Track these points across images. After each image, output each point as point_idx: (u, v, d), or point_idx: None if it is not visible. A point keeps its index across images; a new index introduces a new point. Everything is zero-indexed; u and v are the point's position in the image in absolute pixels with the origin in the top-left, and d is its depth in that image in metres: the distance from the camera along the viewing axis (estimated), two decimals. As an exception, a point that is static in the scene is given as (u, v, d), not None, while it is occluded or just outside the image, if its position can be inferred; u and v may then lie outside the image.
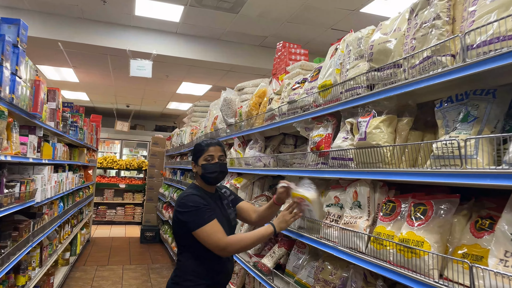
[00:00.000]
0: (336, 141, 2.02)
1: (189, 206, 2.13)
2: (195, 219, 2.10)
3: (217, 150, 2.31)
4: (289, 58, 4.48)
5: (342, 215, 2.08)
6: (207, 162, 2.28)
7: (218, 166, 2.29)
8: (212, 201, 2.30)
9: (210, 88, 10.24)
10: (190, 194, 2.19)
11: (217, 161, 2.29)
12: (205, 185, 2.35)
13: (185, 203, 2.16)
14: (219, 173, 2.30)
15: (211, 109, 5.21)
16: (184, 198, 2.19)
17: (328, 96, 2.12)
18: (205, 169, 2.28)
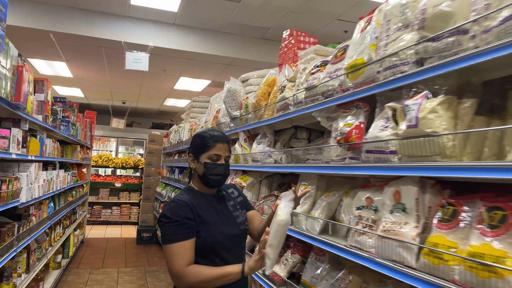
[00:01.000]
0: (372, 131, 1.68)
1: (168, 218, 1.81)
2: (168, 233, 1.80)
3: (225, 148, 1.97)
4: (297, 46, 4.15)
5: (378, 219, 1.74)
6: (211, 161, 1.94)
7: (224, 169, 1.95)
8: (207, 203, 1.96)
9: (209, 83, 9.89)
10: (176, 202, 1.86)
11: (223, 163, 1.95)
12: (203, 187, 2.01)
13: (164, 213, 1.84)
14: (223, 177, 1.96)
15: (212, 103, 4.87)
16: (168, 206, 1.87)
17: (360, 78, 1.78)
18: (207, 170, 1.93)
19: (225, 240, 1.89)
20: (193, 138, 2.05)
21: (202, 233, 1.84)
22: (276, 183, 3.43)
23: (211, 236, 1.85)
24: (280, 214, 1.63)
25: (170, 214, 1.82)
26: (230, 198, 2.11)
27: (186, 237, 1.79)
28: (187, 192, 1.99)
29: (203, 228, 1.86)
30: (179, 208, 1.84)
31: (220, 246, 1.87)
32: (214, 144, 1.94)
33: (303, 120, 2.72)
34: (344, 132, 1.84)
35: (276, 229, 1.60)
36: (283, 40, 4.54)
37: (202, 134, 2.02)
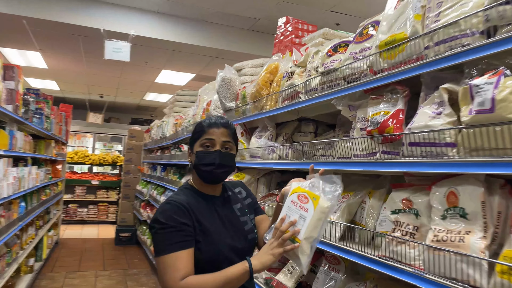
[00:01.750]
0: (419, 119, 1.38)
1: (161, 223, 1.49)
2: (160, 242, 1.48)
3: (222, 133, 1.64)
4: (295, 34, 3.85)
5: (420, 226, 1.45)
6: (203, 149, 1.62)
7: (217, 156, 1.60)
8: (208, 206, 1.64)
9: (193, 77, 9.48)
10: (171, 204, 1.54)
11: (217, 149, 1.61)
12: (202, 184, 1.68)
13: (156, 218, 1.51)
14: (217, 167, 1.60)
15: (201, 95, 4.52)
16: (161, 209, 1.55)
17: (399, 56, 1.48)
18: (198, 159, 1.62)
19: (230, 254, 1.57)
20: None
21: (203, 245, 1.52)
22: (275, 181, 3.12)
23: (213, 249, 1.53)
24: (324, 199, 1.32)
25: (163, 219, 1.49)
26: (237, 200, 1.79)
27: (183, 247, 1.47)
28: (184, 192, 1.66)
29: (204, 238, 1.53)
30: (174, 211, 1.51)
31: (224, 261, 1.54)
32: (208, 128, 1.63)
33: (312, 111, 2.43)
34: (377, 122, 1.55)
35: (318, 217, 1.32)
36: (278, 28, 4.24)
37: (198, 123, 1.71)
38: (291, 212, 1.42)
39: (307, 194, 1.40)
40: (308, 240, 1.35)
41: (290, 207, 1.43)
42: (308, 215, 1.35)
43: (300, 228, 1.36)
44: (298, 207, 1.40)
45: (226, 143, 1.64)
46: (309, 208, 1.36)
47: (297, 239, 1.36)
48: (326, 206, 1.35)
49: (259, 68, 3.89)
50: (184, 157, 5.13)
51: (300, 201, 1.41)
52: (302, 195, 1.41)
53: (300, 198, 1.41)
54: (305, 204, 1.38)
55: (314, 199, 1.37)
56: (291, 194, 1.46)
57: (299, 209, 1.40)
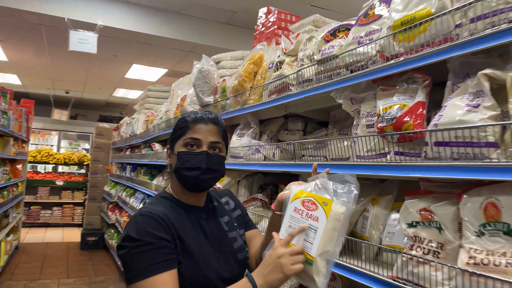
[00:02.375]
0: (448, 113, 1.13)
1: (133, 240, 1.18)
2: (134, 264, 1.17)
3: (210, 131, 1.35)
4: (278, 25, 3.59)
5: (445, 243, 1.21)
6: (186, 149, 1.33)
7: (203, 159, 1.31)
8: (191, 220, 1.35)
9: (165, 73, 9.06)
10: (146, 216, 1.23)
11: (204, 150, 1.33)
12: (184, 192, 1.39)
13: (128, 234, 1.19)
14: (203, 172, 1.31)
15: (175, 89, 4.18)
16: (133, 223, 1.23)
17: (420, 38, 1.23)
18: (180, 162, 1.32)
19: (217, 281, 1.28)
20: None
21: (184, 269, 1.23)
22: (258, 184, 2.84)
23: (197, 275, 1.24)
24: (338, 203, 1.07)
25: (137, 234, 1.18)
26: (224, 212, 1.49)
27: (165, 267, 1.17)
28: (161, 202, 1.35)
29: (186, 260, 1.24)
30: (150, 225, 1.21)
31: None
32: (193, 124, 1.34)
33: (302, 106, 2.16)
34: (391, 117, 1.29)
35: (333, 226, 1.06)
36: (259, 18, 3.97)
37: (183, 115, 1.40)
38: (295, 223, 1.15)
39: (315, 199, 1.13)
40: (323, 256, 1.08)
41: (294, 216, 1.16)
42: (320, 225, 1.08)
43: (311, 242, 1.09)
44: (304, 215, 1.13)
45: (214, 143, 1.35)
46: (320, 216, 1.09)
47: (309, 256, 1.08)
48: (341, 211, 1.08)
49: (239, 60, 3.60)
50: (155, 156, 4.78)
51: (306, 208, 1.13)
52: (308, 200, 1.14)
53: (306, 204, 1.14)
54: (314, 212, 1.11)
55: (324, 204, 1.10)
56: (293, 200, 1.18)
57: (306, 218, 1.12)
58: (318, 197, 1.12)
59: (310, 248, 1.09)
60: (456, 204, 1.21)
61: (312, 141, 1.90)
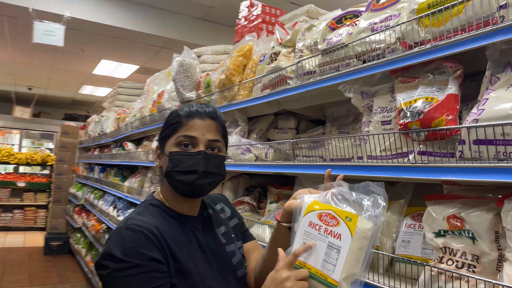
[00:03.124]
0: (490, 106, 0.99)
1: (118, 261, 0.97)
2: None
3: (208, 127, 1.16)
4: (263, 19, 3.41)
5: (481, 255, 1.06)
6: (180, 149, 1.13)
7: (201, 160, 1.12)
8: (185, 233, 1.15)
9: (137, 69, 8.70)
10: (134, 230, 1.02)
11: (201, 150, 1.13)
12: (177, 199, 1.19)
13: (111, 252, 0.98)
14: (201, 176, 1.12)
15: (150, 85, 3.93)
16: (117, 238, 1.02)
17: (452, 22, 1.08)
18: (172, 164, 1.12)
19: None
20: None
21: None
22: (243, 186, 2.65)
23: None
24: (364, 219, 0.91)
25: (122, 254, 0.97)
26: (221, 221, 1.29)
27: None
28: (150, 211, 1.14)
29: (181, 283, 1.04)
30: (139, 242, 1.00)
31: None
32: (185, 120, 1.14)
33: (298, 103, 1.99)
34: (418, 112, 1.13)
35: (359, 245, 0.90)
36: (240, 12, 3.79)
37: (176, 109, 1.19)
38: (311, 240, 0.97)
39: (335, 213, 0.95)
40: (348, 279, 0.91)
41: (309, 232, 0.98)
42: (344, 244, 0.91)
43: (333, 263, 0.91)
44: (323, 232, 0.95)
45: (213, 142, 1.16)
46: (343, 233, 0.92)
47: (331, 280, 0.91)
48: (368, 228, 0.92)
49: (221, 55, 3.41)
50: (128, 156, 4.50)
51: (325, 223, 0.96)
52: (326, 214, 0.96)
53: (325, 218, 0.96)
54: (335, 228, 0.93)
55: (348, 220, 0.93)
56: (308, 213, 1.00)
57: (325, 235, 0.95)
58: (339, 211, 0.96)
59: (332, 271, 0.91)
60: (493, 211, 1.08)
61: (317, 140, 1.73)
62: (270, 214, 2.02)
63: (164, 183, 1.19)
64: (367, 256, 0.92)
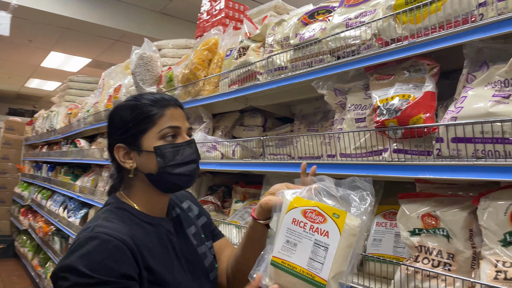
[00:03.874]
0: (470, 104, 0.99)
1: (82, 275, 0.86)
2: None
3: (182, 115, 1.12)
4: (226, 14, 3.35)
5: (456, 253, 1.06)
6: (165, 142, 1.06)
7: (194, 149, 1.10)
8: (159, 238, 1.06)
9: (89, 63, 8.31)
10: (100, 239, 0.92)
11: (190, 139, 1.10)
12: (151, 200, 1.10)
13: (73, 265, 0.87)
14: (197, 165, 1.10)
15: (106, 79, 3.74)
16: (81, 248, 0.90)
17: (430, 19, 1.07)
18: (169, 158, 1.04)
19: None
20: (113, 116, 1.11)
21: None
22: (206, 185, 2.57)
23: None
24: (351, 217, 0.87)
25: (87, 267, 0.86)
26: (190, 221, 1.22)
27: None
28: (119, 215, 1.03)
29: None
30: (108, 255, 0.90)
31: None
32: (162, 111, 1.06)
33: (267, 99, 1.95)
34: (395, 109, 1.12)
35: (348, 243, 0.87)
36: (202, 6, 3.70)
37: (132, 102, 1.09)
38: (296, 238, 0.92)
39: (321, 209, 0.91)
40: (336, 278, 0.87)
41: (293, 230, 0.93)
42: (332, 242, 0.87)
43: (321, 261, 0.87)
44: (308, 229, 0.91)
45: (190, 130, 1.12)
46: (331, 231, 0.88)
47: (319, 279, 0.87)
48: (357, 224, 0.88)
49: (183, 49, 3.30)
50: (80, 154, 4.26)
51: (310, 220, 0.91)
52: (311, 210, 0.92)
53: (310, 215, 0.92)
54: (322, 225, 0.89)
55: (336, 216, 0.88)
56: (290, 210, 0.95)
57: (311, 233, 0.90)
58: (325, 207, 0.91)
59: (320, 269, 0.87)
60: (467, 209, 1.08)
61: (288, 137, 1.69)
62: (236, 214, 1.96)
63: (135, 186, 1.09)
64: (355, 254, 0.89)
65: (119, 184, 1.12)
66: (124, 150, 1.07)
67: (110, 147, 1.10)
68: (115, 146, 1.07)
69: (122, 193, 1.11)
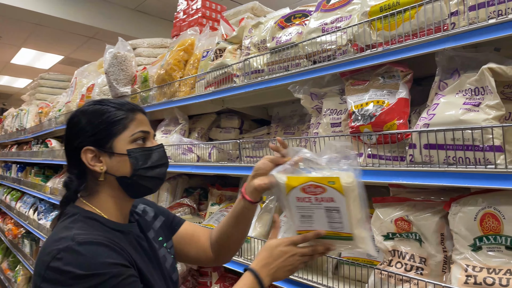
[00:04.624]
0: (442, 111, 1.01)
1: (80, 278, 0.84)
2: None
3: (147, 121, 1.13)
4: (203, 14, 3.33)
5: (428, 257, 1.09)
6: (137, 145, 1.05)
7: (163, 153, 1.11)
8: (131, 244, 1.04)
9: (61, 60, 8.10)
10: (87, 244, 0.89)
11: (159, 144, 1.11)
12: (118, 206, 1.08)
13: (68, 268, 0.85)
14: (166, 168, 1.13)
15: (78, 78, 3.64)
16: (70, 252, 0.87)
17: (404, 26, 1.09)
18: (140, 162, 1.04)
19: None
20: (78, 119, 1.06)
21: None
22: (182, 187, 2.54)
23: None
24: (344, 175, 0.95)
25: (86, 269, 0.85)
26: (148, 225, 1.21)
27: None
28: (90, 225, 0.99)
29: None
30: (102, 252, 0.89)
31: None
32: (132, 115, 1.07)
33: (244, 101, 1.94)
34: (369, 115, 1.13)
35: (353, 198, 0.96)
36: (179, 5, 3.66)
37: (98, 106, 1.06)
38: (308, 212, 1.01)
39: (316, 182, 0.97)
40: (358, 225, 0.98)
41: (302, 206, 1.01)
42: (340, 204, 0.96)
43: (339, 221, 0.98)
44: (314, 201, 0.99)
45: (155, 135, 1.15)
46: (334, 196, 0.96)
47: (345, 234, 0.99)
48: (351, 180, 0.94)
49: (158, 48, 3.25)
50: (51, 155, 4.13)
51: (312, 194, 0.99)
52: (308, 186, 0.98)
53: (309, 190, 0.99)
54: (324, 194, 0.97)
55: (332, 183, 0.95)
56: (290, 191, 1.01)
57: (318, 203, 0.99)
58: (319, 179, 0.97)
59: (342, 227, 0.98)
60: (439, 214, 1.10)
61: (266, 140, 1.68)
62: (212, 217, 1.94)
63: (103, 192, 1.05)
64: (362, 200, 0.97)
65: (79, 191, 1.07)
66: (92, 153, 1.03)
67: (75, 151, 1.04)
68: (82, 149, 1.03)
69: (84, 201, 1.06)
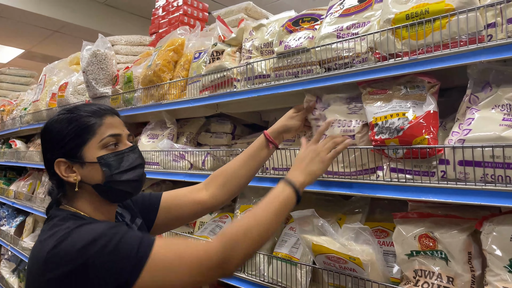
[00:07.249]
0: (478, 127, 0.96)
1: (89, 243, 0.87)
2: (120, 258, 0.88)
3: (120, 122, 1.11)
4: (184, 11, 3.21)
5: (455, 277, 1.05)
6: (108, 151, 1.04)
7: (138, 154, 1.11)
8: None
9: (21, 54, 7.64)
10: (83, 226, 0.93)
11: (133, 145, 1.11)
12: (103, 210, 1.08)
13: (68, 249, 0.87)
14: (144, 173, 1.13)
15: (48, 75, 3.40)
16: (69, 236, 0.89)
17: (434, 36, 1.04)
18: (112, 168, 1.03)
19: None
20: (49, 130, 1.05)
21: None
22: (166, 194, 2.41)
23: None
24: (363, 254, 1.13)
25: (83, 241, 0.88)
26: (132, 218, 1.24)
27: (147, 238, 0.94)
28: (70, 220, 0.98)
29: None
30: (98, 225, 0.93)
31: None
32: (100, 120, 1.05)
33: (242, 106, 1.85)
34: (396, 128, 1.08)
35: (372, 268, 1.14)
36: (157, 1, 3.52)
37: (67, 115, 1.04)
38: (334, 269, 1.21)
39: (339, 256, 1.14)
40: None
41: (329, 264, 1.22)
42: (361, 274, 1.15)
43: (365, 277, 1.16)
44: (339, 267, 1.21)
45: (129, 136, 1.12)
46: (355, 268, 1.15)
47: None
48: (369, 258, 1.11)
49: (137, 46, 3.09)
50: (15, 156, 3.86)
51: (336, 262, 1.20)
52: (332, 257, 1.18)
53: (334, 259, 1.18)
54: (346, 265, 1.18)
55: (352, 260, 1.13)
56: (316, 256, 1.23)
57: (343, 269, 1.21)
58: (342, 254, 1.12)
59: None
60: (466, 231, 1.07)
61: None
62: (206, 227, 1.84)
63: (82, 198, 1.05)
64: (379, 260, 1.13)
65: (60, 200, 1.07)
66: (65, 165, 1.03)
67: (49, 163, 1.04)
68: (54, 161, 1.02)
69: (68, 206, 1.06)
